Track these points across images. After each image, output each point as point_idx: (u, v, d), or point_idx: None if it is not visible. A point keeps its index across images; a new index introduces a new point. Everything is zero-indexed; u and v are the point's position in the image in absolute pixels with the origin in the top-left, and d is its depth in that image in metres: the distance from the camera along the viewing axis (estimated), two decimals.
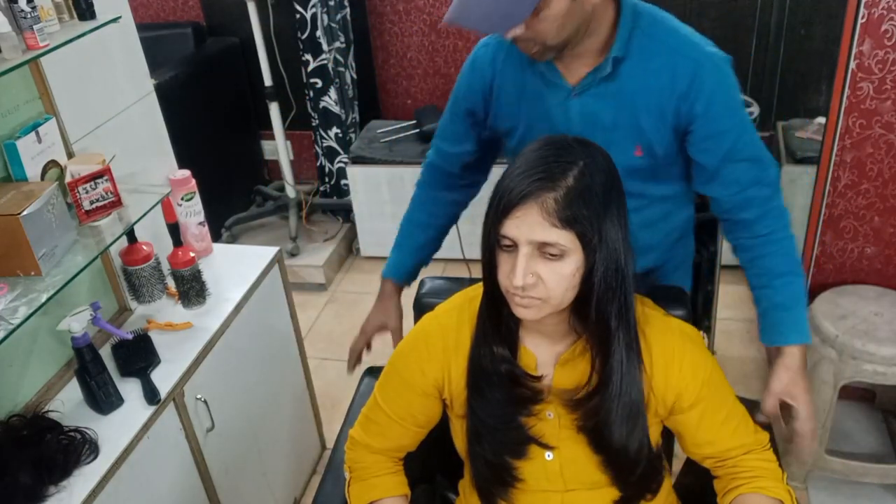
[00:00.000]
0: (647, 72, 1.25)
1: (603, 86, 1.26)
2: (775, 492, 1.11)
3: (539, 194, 0.94)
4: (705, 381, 1.11)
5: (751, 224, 1.34)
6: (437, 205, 1.57)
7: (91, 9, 1.42)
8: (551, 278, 0.97)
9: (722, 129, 1.26)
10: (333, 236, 3.29)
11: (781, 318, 1.33)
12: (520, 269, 0.96)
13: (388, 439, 1.23)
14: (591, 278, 0.99)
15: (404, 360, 1.20)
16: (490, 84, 1.37)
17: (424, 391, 1.18)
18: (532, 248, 0.96)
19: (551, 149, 0.99)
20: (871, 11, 1.65)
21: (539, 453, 1.13)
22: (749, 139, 1.29)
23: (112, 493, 1.32)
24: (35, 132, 1.39)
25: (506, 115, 1.38)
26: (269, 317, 1.92)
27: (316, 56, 3.04)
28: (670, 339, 1.11)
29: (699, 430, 1.14)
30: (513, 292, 0.99)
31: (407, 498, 1.24)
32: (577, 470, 1.13)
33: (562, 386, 1.11)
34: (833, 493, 2.02)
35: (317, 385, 2.22)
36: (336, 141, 3.23)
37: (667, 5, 1.31)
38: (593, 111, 1.29)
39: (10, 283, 1.27)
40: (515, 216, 0.95)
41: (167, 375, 1.52)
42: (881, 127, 1.78)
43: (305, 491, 2.15)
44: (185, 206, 1.80)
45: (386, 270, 1.58)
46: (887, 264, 1.96)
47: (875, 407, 2.23)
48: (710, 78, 1.23)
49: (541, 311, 1.01)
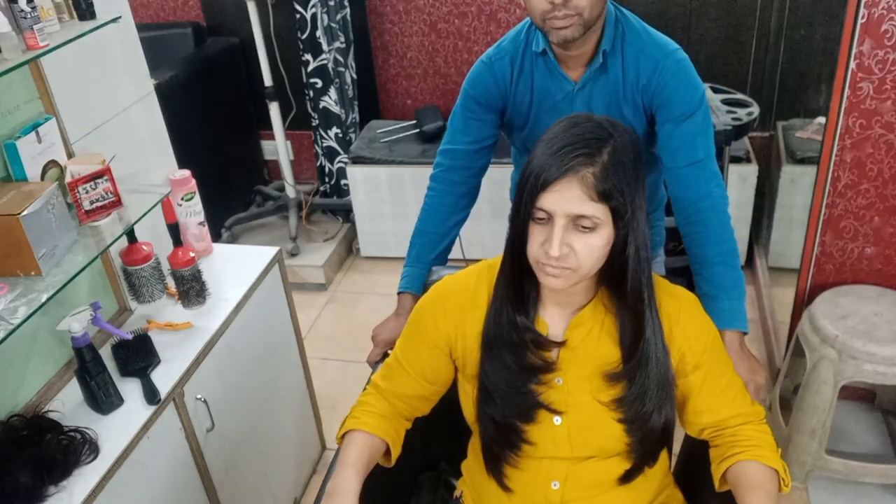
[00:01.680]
0: (625, 67, 1.46)
1: (598, 78, 1.48)
2: (773, 461, 1.14)
3: (578, 169, 1.00)
4: (707, 345, 1.17)
5: (687, 206, 1.47)
6: (450, 212, 1.63)
7: (91, 9, 1.42)
8: (583, 249, 1.03)
9: (675, 113, 1.45)
10: (333, 236, 3.29)
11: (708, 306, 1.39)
12: (556, 239, 1.01)
13: (397, 385, 1.28)
14: (626, 251, 1.05)
15: (421, 313, 1.26)
16: (510, 88, 1.54)
17: (437, 345, 1.23)
18: (567, 221, 1.02)
19: (585, 127, 1.05)
20: (871, 11, 1.65)
21: (547, 417, 1.17)
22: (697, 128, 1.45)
23: (112, 493, 1.32)
24: (35, 132, 1.39)
25: (520, 112, 1.56)
26: (269, 317, 1.92)
27: (316, 56, 3.04)
28: (674, 302, 1.17)
29: (700, 394, 1.18)
30: (545, 262, 1.04)
31: (384, 444, 1.24)
32: (586, 436, 1.16)
33: (571, 348, 1.15)
34: (833, 493, 2.02)
35: (317, 385, 2.22)
36: (336, 141, 3.23)
37: (667, 5, 1.32)
38: (592, 100, 1.50)
39: (10, 283, 1.27)
40: (555, 189, 1.01)
41: (167, 375, 1.52)
42: (881, 127, 1.78)
43: (305, 491, 2.15)
44: (185, 206, 1.80)
45: (403, 285, 1.61)
46: (887, 264, 1.96)
47: (875, 407, 2.23)
48: (667, 73, 1.43)
49: (569, 280, 1.06)
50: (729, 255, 1.46)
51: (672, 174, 1.49)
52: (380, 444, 1.23)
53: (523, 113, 1.56)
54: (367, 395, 1.30)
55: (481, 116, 1.57)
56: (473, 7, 3.16)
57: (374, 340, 1.57)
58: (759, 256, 2.92)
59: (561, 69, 1.48)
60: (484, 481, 1.25)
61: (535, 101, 1.53)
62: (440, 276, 1.52)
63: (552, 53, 1.47)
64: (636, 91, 1.47)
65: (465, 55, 3.28)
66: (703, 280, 1.47)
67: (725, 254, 1.46)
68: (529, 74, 1.52)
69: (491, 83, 1.54)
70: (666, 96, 1.45)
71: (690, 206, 1.47)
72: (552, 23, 1.36)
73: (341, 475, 1.14)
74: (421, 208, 1.65)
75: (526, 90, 1.53)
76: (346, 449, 1.20)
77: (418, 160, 3.01)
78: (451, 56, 3.30)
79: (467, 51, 3.27)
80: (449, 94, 3.36)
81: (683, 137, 1.46)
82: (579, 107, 1.51)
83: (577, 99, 1.51)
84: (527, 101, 1.54)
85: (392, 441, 1.24)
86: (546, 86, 1.51)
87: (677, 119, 1.45)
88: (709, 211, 1.46)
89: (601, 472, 1.18)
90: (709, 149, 1.48)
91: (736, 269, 1.46)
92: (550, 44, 1.45)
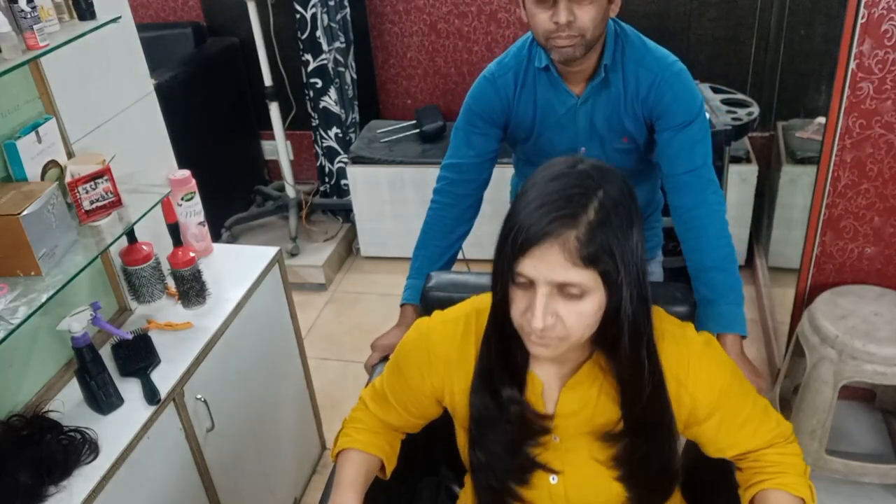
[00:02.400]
0: (625, 80, 1.50)
1: (600, 92, 1.52)
2: (797, 489, 1.08)
3: (560, 232, 0.89)
4: (722, 392, 1.08)
5: (684, 213, 1.50)
6: (454, 225, 1.65)
7: (91, 9, 1.42)
8: (571, 318, 0.93)
9: (673, 123, 1.48)
10: (333, 236, 3.29)
11: (706, 311, 1.45)
12: (538, 311, 0.91)
13: (384, 414, 1.25)
14: (620, 316, 0.95)
15: (405, 358, 1.20)
16: (512, 103, 1.57)
17: (422, 391, 1.19)
18: (551, 288, 0.91)
19: (568, 179, 0.93)
20: (871, 11, 1.65)
21: (544, 478, 1.12)
22: (695, 137, 1.48)
23: (112, 493, 1.32)
24: (35, 132, 1.39)
25: (523, 127, 1.60)
26: (269, 317, 1.92)
27: (316, 56, 3.04)
28: (685, 353, 1.07)
29: (719, 436, 1.11)
30: (529, 332, 0.95)
31: (379, 462, 1.22)
32: (584, 493, 1.12)
33: (568, 409, 1.09)
34: (833, 493, 2.02)
35: (317, 385, 2.22)
36: (336, 141, 3.23)
37: (667, 5, 1.33)
38: (594, 114, 1.54)
39: (10, 283, 1.27)
40: (534, 255, 0.90)
41: (167, 375, 1.52)
42: (881, 127, 1.78)
43: (305, 491, 2.15)
44: (185, 206, 1.80)
45: (406, 297, 1.62)
46: (887, 264, 1.96)
47: (875, 407, 2.23)
48: (665, 85, 1.47)
49: (558, 349, 0.97)
50: (726, 261, 1.47)
51: (670, 181, 1.52)
52: (374, 460, 1.22)
53: (526, 127, 1.59)
54: (357, 411, 1.28)
55: (485, 131, 1.59)
56: (473, 7, 3.16)
57: (373, 347, 1.57)
58: (759, 256, 2.92)
59: (564, 84, 1.52)
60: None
61: (538, 115, 1.56)
62: (439, 282, 1.51)
63: (555, 69, 1.50)
64: (636, 103, 1.50)
65: (465, 55, 3.28)
66: (701, 284, 1.48)
67: (723, 259, 1.47)
68: (532, 89, 1.55)
69: (493, 99, 1.56)
70: (664, 107, 1.48)
71: (688, 213, 1.50)
72: (555, 42, 1.40)
73: (340, 495, 1.14)
74: (424, 221, 1.66)
75: (528, 105, 1.56)
76: (342, 468, 1.19)
77: (418, 160, 3.01)
78: (451, 56, 3.30)
79: (467, 51, 3.27)
80: (449, 94, 3.36)
81: (682, 145, 1.48)
82: (582, 120, 1.55)
83: (579, 113, 1.54)
84: (529, 115, 1.57)
85: (386, 456, 1.23)
86: (549, 100, 1.54)
87: (676, 127, 1.48)
88: (706, 218, 1.48)
89: None
90: (706, 157, 1.50)
91: (734, 273, 1.48)
92: (552, 60, 1.48)
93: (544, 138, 1.60)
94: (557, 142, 1.59)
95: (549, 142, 1.60)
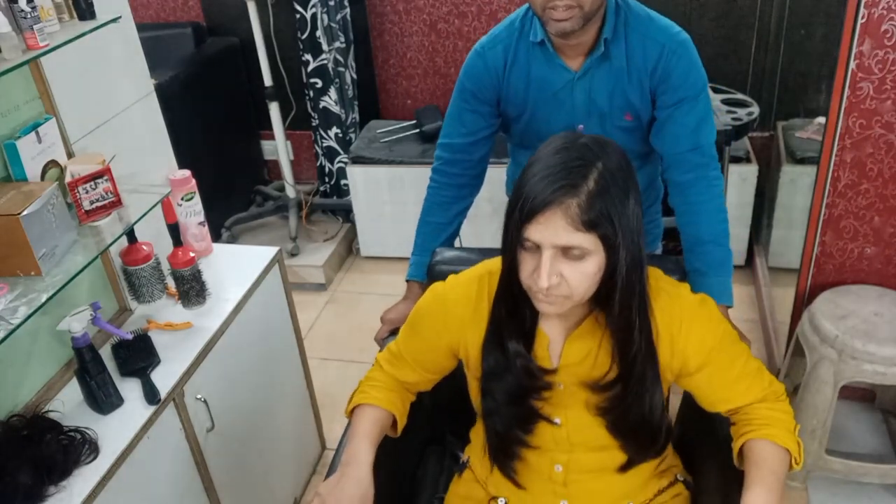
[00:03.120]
0: (629, 53, 1.46)
1: (599, 66, 1.47)
2: (784, 440, 1.13)
3: (562, 200, 0.98)
4: (712, 348, 1.16)
5: (685, 189, 1.50)
6: (451, 202, 1.66)
7: (91, 9, 1.42)
8: (574, 277, 1.03)
9: (680, 97, 1.46)
10: (333, 236, 3.29)
11: (697, 281, 1.47)
12: (544, 271, 1.00)
13: (400, 373, 1.32)
14: (614, 276, 1.05)
15: (421, 318, 1.29)
16: (502, 78, 1.53)
17: (438, 347, 1.28)
18: (555, 251, 1.01)
19: (570, 151, 1.02)
20: (871, 11, 1.65)
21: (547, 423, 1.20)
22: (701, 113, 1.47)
23: (112, 493, 1.32)
24: (35, 132, 1.39)
25: (515, 103, 1.55)
26: (269, 317, 1.92)
27: (316, 56, 3.04)
28: (678, 311, 1.16)
29: (710, 389, 1.19)
30: (536, 290, 1.05)
31: (391, 417, 1.28)
32: (584, 436, 1.20)
33: (571, 360, 1.18)
34: (833, 493, 2.02)
35: (317, 385, 2.22)
36: (336, 141, 3.23)
37: (667, 5, 1.33)
38: (593, 90, 1.50)
39: (10, 283, 1.27)
40: (539, 221, 1.00)
41: (167, 375, 1.52)
42: (881, 127, 1.78)
43: (305, 491, 2.15)
44: (185, 206, 1.80)
45: (411, 273, 1.65)
46: (887, 264, 1.96)
47: (875, 407, 2.23)
48: (674, 57, 1.45)
49: (563, 306, 1.07)
50: (722, 236, 1.49)
51: (673, 158, 1.51)
52: (387, 416, 1.28)
53: (518, 103, 1.55)
54: (373, 371, 1.35)
55: (476, 108, 1.58)
56: (473, 7, 3.16)
57: (382, 320, 1.61)
58: (759, 256, 2.92)
59: (560, 59, 1.48)
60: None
61: (531, 90, 1.52)
62: (443, 258, 1.56)
63: (550, 43, 1.46)
64: (644, 75, 1.47)
65: (464, 55, 3.24)
66: (694, 257, 1.50)
67: (720, 234, 1.49)
68: (525, 64, 1.51)
69: (483, 73, 1.54)
70: (675, 78, 1.45)
71: (690, 188, 1.49)
72: (552, 13, 1.37)
73: (355, 445, 1.19)
74: (424, 198, 1.67)
75: (520, 79, 1.52)
76: (357, 421, 1.25)
77: (418, 160, 3.01)
78: (451, 56, 3.30)
79: (467, 51, 3.22)
80: (449, 94, 3.31)
81: (687, 122, 1.47)
82: (579, 96, 1.51)
83: (577, 88, 1.50)
84: (521, 90, 1.53)
85: (399, 413, 1.29)
86: (544, 76, 1.50)
87: (682, 103, 1.46)
88: (706, 193, 1.49)
89: (601, 461, 1.23)
90: (710, 134, 1.49)
91: (726, 247, 1.50)
92: (548, 34, 1.44)
93: (539, 116, 1.55)
94: (553, 119, 1.55)
95: (544, 120, 1.56)
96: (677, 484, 1.31)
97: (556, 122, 1.54)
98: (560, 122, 1.54)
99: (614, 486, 1.24)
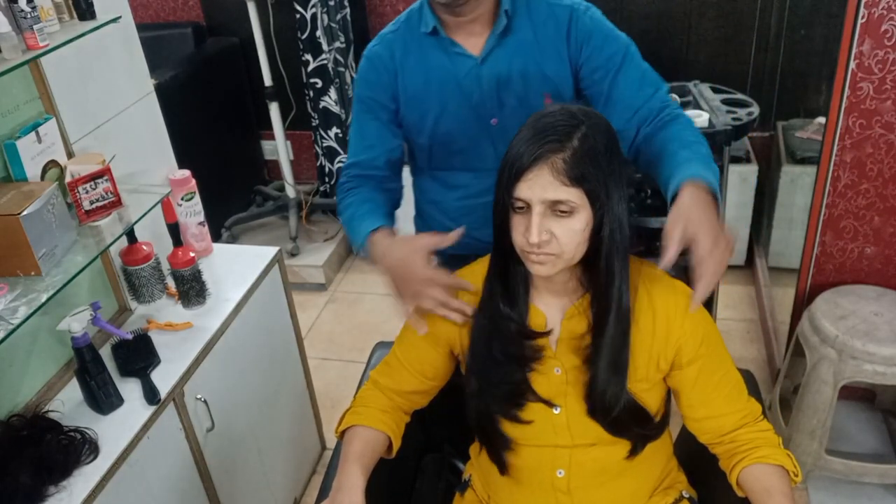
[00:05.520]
0: (535, 23, 1.37)
1: (503, 44, 1.37)
2: (775, 458, 1.14)
3: (548, 156, 1.02)
4: (704, 338, 1.17)
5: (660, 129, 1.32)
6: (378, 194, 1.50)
7: (91, 9, 1.42)
8: (564, 234, 1.05)
9: (606, 55, 1.37)
10: (333, 236, 3.29)
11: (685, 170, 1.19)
12: (535, 227, 1.04)
13: (396, 382, 1.29)
14: (600, 233, 1.07)
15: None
16: (395, 77, 1.43)
17: (437, 343, 1.26)
18: (545, 208, 1.04)
19: (555, 116, 1.07)
20: (871, 11, 1.65)
21: (546, 410, 1.19)
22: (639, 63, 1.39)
23: (112, 493, 1.32)
24: (35, 132, 1.39)
25: (416, 102, 1.43)
26: (269, 317, 1.92)
27: (316, 56, 3.04)
28: (674, 297, 1.17)
29: (694, 388, 1.18)
30: (528, 250, 1.07)
31: (386, 438, 1.24)
32: (584, 426, 1.18)
33: (568, 338, 1.17)
34: (833, 493, 2.02)
35: (317, 385, 2.22)
36: (336, 141, 3.23)
37: (667, 5, 1.32)
38: (502, 70, 1.38)
39: (10, 283, 1.27)
40: (528, 178, 1.03)
41: (167, 375, 1.52)
42: (881, 127, 1.78)
43: (305, 491, 2.15)
44: (185, 206, 1.80)
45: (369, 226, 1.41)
46: (887, 264, 1.96)
47: (875, 407, 2.23)
48: (585, 15, 1.37)
49: (555, 266, 1.08)
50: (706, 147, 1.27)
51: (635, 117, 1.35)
52: (382, 437, 1.24)
53: (418, 104, 1.42)
54: (365, 390, 1.31)
55: (376, 114, 1.45)
56: None
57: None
58: (759, 256, 2.92)
59: (458, 45, 1.37)
60: (493, 469, 1.27)
61: (432, 84, 1.40)
62: None
63: (443, 30, 1.37)
64: (559, 43, 1.37)
65: None
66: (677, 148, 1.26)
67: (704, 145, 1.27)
68: (420, 60, 1.40)
69: (371, 73, 1.43)
70: (597, 39, 1.36)
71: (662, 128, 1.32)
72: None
73: (347, 470, 1.16)
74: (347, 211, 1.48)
75: (416, 76, 1.40)
76: (349, 444, 1.21)
77: None
78: None
79: None
80: None
81: (632, 76, 1.36)
82: (487, 83, 1.39)
83: (482, 74, 1.38)
84: (419, 88, 1.41)
85: (393, 434, 1.26)
86: (443, 66, 1.39)
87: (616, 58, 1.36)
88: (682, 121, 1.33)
89: (604, 458, 1.20)
90: (659, 82, 1.39)
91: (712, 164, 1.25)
92: (440, 20, 1.35)
93: (448, 115, 1.41)
94: (463, 117, 1.41)
95: (454, 119, 1.42)
96: (682, 501, 1.29)
97: (466, 121, 1.42)
98: (471, 120, 1.42)
99: (619, 498, 1.23)
